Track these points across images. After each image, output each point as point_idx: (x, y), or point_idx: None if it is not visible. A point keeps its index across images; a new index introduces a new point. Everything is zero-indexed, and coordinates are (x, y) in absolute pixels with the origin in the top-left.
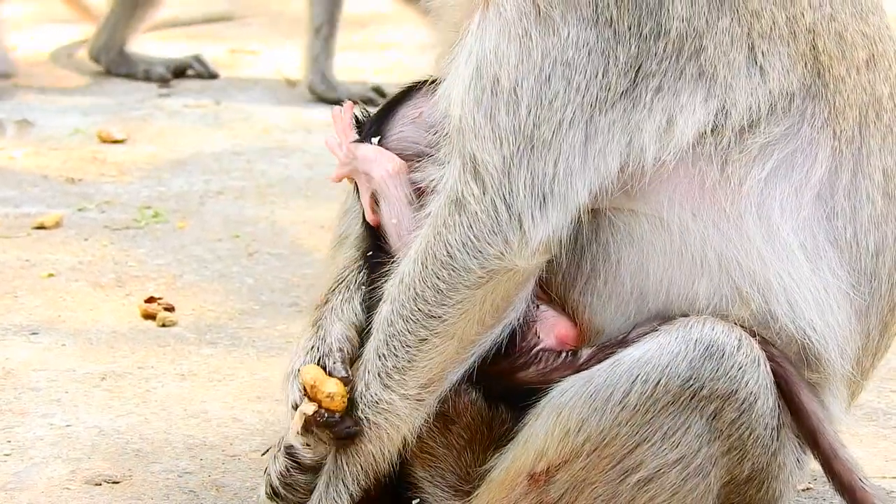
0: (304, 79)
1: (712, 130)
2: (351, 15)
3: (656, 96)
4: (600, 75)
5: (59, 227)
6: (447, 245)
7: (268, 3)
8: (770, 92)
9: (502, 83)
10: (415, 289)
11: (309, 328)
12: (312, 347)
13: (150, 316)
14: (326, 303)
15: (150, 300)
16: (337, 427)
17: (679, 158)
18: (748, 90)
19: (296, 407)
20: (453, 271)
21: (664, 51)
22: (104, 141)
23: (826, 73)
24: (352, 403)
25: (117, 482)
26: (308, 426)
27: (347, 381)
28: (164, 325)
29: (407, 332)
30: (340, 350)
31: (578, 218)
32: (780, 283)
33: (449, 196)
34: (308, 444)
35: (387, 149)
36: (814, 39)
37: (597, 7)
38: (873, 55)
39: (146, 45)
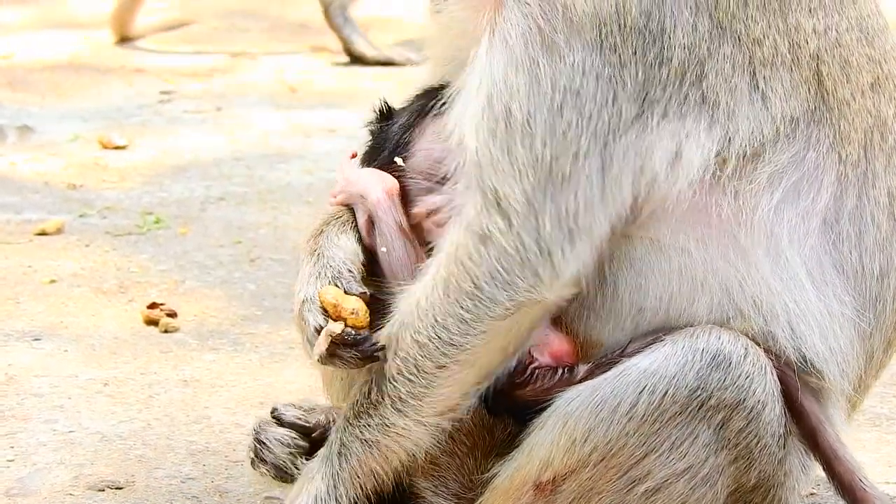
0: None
1: (718, 158)
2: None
3: (662, 121)
4: (609, 102)
5: (60, 233)
6: (473, 277)
7: (266, 9)
8: (773, 118)
9: (514, 115)
10: (434, 316)
11: (307, 257)
12: (319, 274)
13: (152, 322)
14: (321, 233)
15: (153, 306)
16: (363, 345)
17: (687, 186)
18: (751, 116)
19: (318, 330)
20: (480, 303)
21: (667, 77)
22: (105, 147)
23: (830, 97)
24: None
25: (120, 488)
26: (334, 348)
27: (366, 298)
28: (166, 331)
29: (425, 358)
30: (350, 270)
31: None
32: (784, 311)
33: (471, 227)
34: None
35: (413, 165)
36: (818, 65)
37: (600, 32)
38: (878, 77)
39: (144, 48)
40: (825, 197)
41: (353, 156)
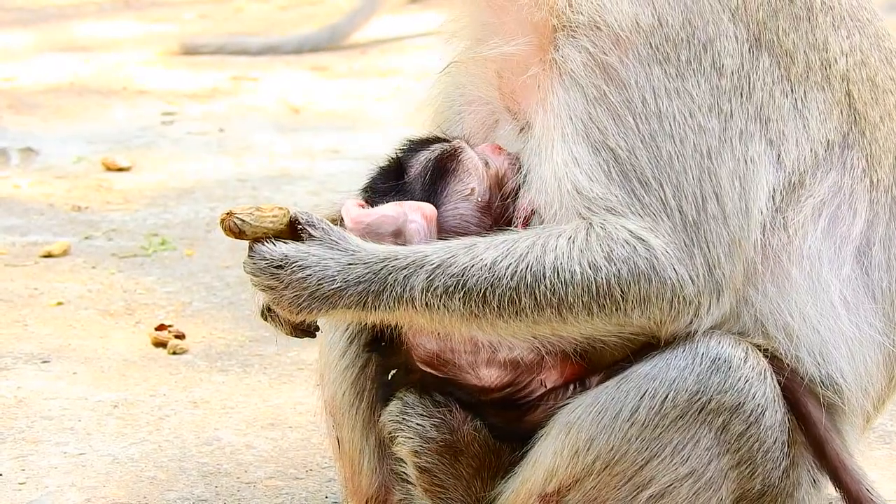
0: None
1: (778, 186)
2: (351, 41)
3: (741, 141)
4: (688, 117)
5: (66, 255)
6: (611, 282)
7: (268, 31)
8: (811, 139)
9: (620, 156)
10: (511, 287)
11: None
12: None
13: (160, 344)
14: None
15: (161, 328)
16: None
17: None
18: (796, 137)
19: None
20: (595, 298)
21: (726, 88)
22: (109, 169)
23: (862, 120)
24: None
25: None
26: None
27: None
28: (174, 353)
29: (467, 299)
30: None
31: None
32: (815, 336)
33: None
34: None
35: (443, 226)
36: (848, 86)
37: (650, 44)
38: None
39: (146, 70)
40: (860, 223)
41: (361, 202)
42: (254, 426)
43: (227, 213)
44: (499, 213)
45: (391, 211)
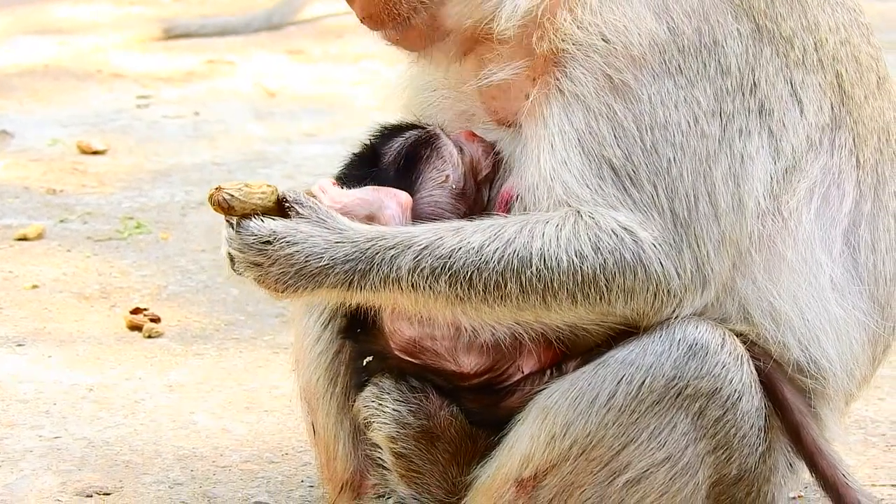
0: None
1: (776, 174)
2: (326, 25)
3: (741, 138)
4: (693, 125)
5: (41, 238)
6: (598, 272)
7: (243, 13)
8: (807, 125)
9: (615, 164)
10: (498, 272)
11: None
12: None
13: (136, 327)
14: None
15: (136, 311)
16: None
17: (755, 208)
18: (795, 125)
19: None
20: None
21: (732, 87)
22: (84, 152)
23: (848, 100)
24: None
25: (108, 493)
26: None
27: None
28: (150, 336)
29: (454, 282)
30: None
31: None
32: (804, 321)
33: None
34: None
35: (418, 213)
36: (836, 67)
37: (664, 59)
38: (880, 77)
39: (121, 53)
40: (848, 203)
41: (335, 183)
42: (229, 410)
43: (217, 188)
44: (473, 200)
45: (368, 195)
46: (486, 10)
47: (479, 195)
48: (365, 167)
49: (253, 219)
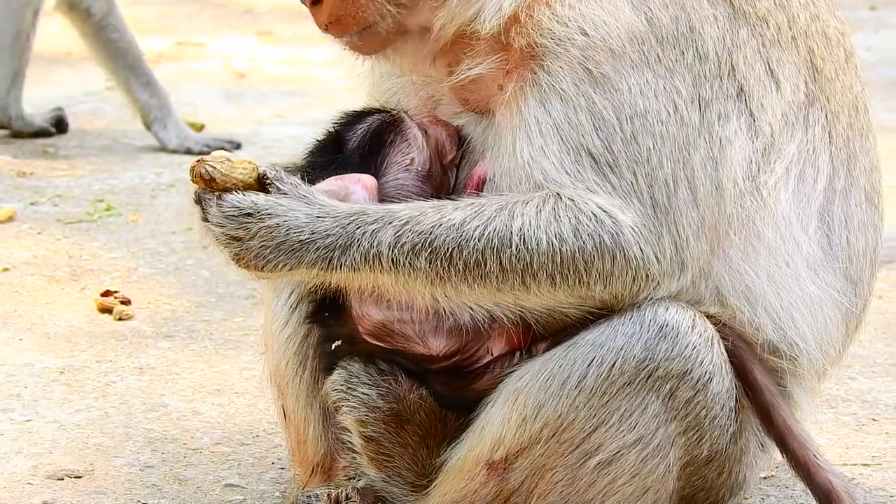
0: None
1: (755, 155)
2: (295, 7)
3: (720, 123)
4: (672, 113)
5: (12, 221)
6: (576, 254)
7: None
8: (784, 103)
9: (595, 153)
10: (478, 249)
11: None
12: None
13: (106, 310)
14: None
15: (107, 294)
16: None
17: (733, 189)
18: (773, 105)
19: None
20: (560, 271)
21: (710, 73)
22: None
23: (820, 76)
24: None
25: (79, 476)
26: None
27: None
28: (120, 319)
29: (435, 261)
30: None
31: None
32: (779, 301)
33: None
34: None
35: (383, 195)
36: (808, 42)
37: (642, 50)
38: (847, 51)
39: None
40: (822, 180)
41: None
42: (200, 392)
43: (199, 160)
44: (440, 182)
45: (332, 185)
46: (469, 13)
47: (446, 178)
48: (329, 153)
49: (234, 192)
